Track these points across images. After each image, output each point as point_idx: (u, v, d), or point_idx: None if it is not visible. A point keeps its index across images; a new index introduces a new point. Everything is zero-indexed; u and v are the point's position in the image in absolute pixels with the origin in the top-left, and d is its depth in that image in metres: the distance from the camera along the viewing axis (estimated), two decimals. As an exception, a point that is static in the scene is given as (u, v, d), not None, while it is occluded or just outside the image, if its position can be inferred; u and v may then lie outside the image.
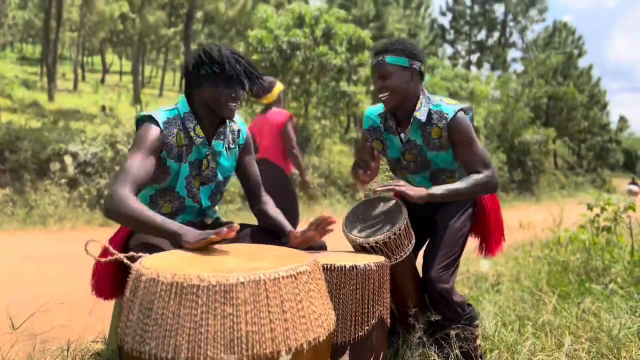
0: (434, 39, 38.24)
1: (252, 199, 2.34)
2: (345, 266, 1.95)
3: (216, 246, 1.77)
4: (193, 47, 27.15)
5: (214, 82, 2.01)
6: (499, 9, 41.65)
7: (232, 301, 1.36)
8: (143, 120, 2.04)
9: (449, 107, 2.36)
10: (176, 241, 1.74)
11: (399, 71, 2.33)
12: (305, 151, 14.21)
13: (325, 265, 1.94)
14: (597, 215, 4.26)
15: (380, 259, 2.08)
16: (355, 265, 1.96)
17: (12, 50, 43.54)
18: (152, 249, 1.85)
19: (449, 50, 43.04)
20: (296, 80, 14.89)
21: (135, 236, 2.04)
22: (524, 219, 7.17)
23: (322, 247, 2.30)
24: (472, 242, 2.66)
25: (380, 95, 2.35)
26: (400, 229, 2.19)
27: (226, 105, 2.04)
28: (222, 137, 2.17)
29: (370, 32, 16.06)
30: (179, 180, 2.10)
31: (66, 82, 28.77)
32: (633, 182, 23.84)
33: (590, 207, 4.28)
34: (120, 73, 38.89)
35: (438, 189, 2.27)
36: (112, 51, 39.68)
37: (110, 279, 2.05)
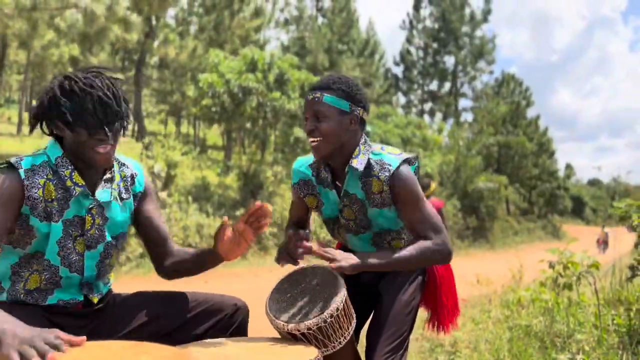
0: (388, 88, 39.05)
1: (158, 255, 1.87)
2: None
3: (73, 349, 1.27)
4: (145, 91, 26.67)
5: (68, 124, 1.58)
6: (449, 60, 43.12)
7: None
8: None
9: (392, 157, 1.97)
10: None
11: (337, 115, 1.93)
12: (257, 198, 13.75)
13: None
14: (560, 275, 3.96)
15: (312, 354, 1.61)
16: None
17: (-46, 93, 41.90)
18: None
19: (402, 99, 44.03)
20: (248, 125, 14.56)
21: None
22: (481, 271, 6.87)
23: (241, 308, 1.84)
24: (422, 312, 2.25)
25: (311, 140, 1.93)
26: (337, 309, 1.74)
27: (92, 153, 1.61)
28: (109, 185, 1.71)
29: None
30: (48, 244, 1.61)
31: (11, 126, 27.67)
32: (603, 228, 24.25)
33: (552, 266, 3.99)
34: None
35: (376, 257, 1.86)
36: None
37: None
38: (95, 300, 1.75)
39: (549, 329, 3.58)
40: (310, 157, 2.14)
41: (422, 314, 2.29)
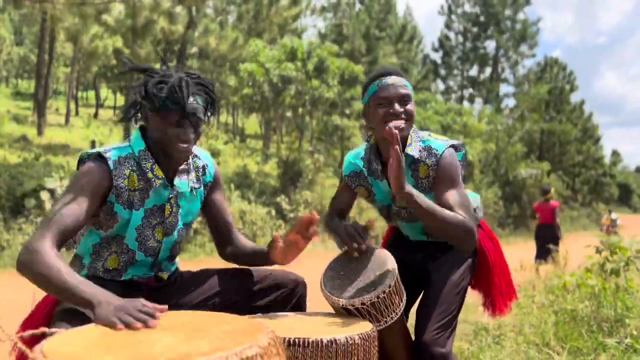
0: (427, 74, 38.52)
1: (222, 241, 2.02)
2: (321, 341, 1.57)
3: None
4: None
5: (158, 121, 1.70)
6: (490, 45, 42.16)
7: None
8: (88, 160, 1.70)
9: (439, 143, 2.04)
10: (90, 313, 1.38)
11: (412, 98, 2.04)
12: (297, 186, 13.90)
13: (295, 340, 1.56)
14: (608, 260, 3.92)
15: (367, 327, 1.70)
16: (335, 340, 1.58)
17: (6, 86, 43.57)
18: (79, 317, 1.47)
19: (441, 85, 43.38)
20: (288, 114, 14.71)
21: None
22: (523, 258, 6.81)
23: (301, 283, 1.95)
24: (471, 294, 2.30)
25: (395, 123, 1.97)
26: (390, 286, 1.82)
27: (174, 146, 1.71)
28: (185, 176, 1.83)
29: (362, 67, 15.98)
30: (128, 230, 1.75)
31: (59, 117, 28.61)
32: (610, 213, 23.72)
33: (599, 251, 3.94)
34: (114, 108, 38.79)
35: (420, 196, 1.84)
36: (106, 86, 39.71)
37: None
38: (165, 277, 1.90)
39: (596, 314, 3.57)
40: (361, 150, 2.22)
41: (469, 299, 2.34)
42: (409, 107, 2.01)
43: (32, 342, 1.31)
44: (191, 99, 1.71)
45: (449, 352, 1.97)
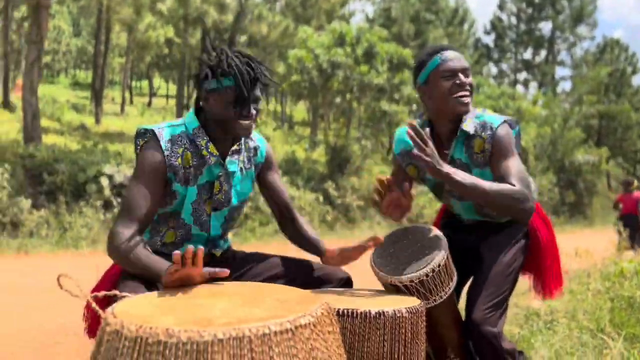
0: (479, 58, 37.57)
1: (282, 221, 2.10)
2: (370, 312, 1.60)
3: (213, 284, 1.50)
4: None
5: (220, 99, 1.75)
6: (545, 27, 40.71)
7: (206, 365, 1.06)
8: (144, 138, 1.79)
9: (494, 117, 2.02)
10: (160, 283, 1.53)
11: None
12: (344, 172, 13.92)
13: (345, 311, 1.60)
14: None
15: (414, 302, 1.72)
16: (383, 312, 1.61)
17: (65, 76, 45.47)
18: (142, 284, 1.61)
19: (493, 69, 42.23)
20: (337, 100, 14.71)
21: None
22: (579, 245, 6.61)
23: (347, 281, 1.99)
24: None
25: (460, 94, 1.98)
26: (439, 265, 1.83)
27: (236, 124, 1.77)
28: (236, 156, 1.89)
29: (411, 51, 15.75)
30: (184, 205, 1.83)
31: (114, 106, 29.69)
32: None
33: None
34: (167, 96, 39.84)
35: (461, 175, 1.82)
36: (159, 75, 40.80)
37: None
38: (218, 254, 1.97)
39: (655, 301, 3.44)
40: None
41: (521, 285, 2.30)
42: (471, 80, 2.01)
43: (103, 304, 1.42)
44: (255, 77, 1.77)
45: (500, 332, 1.96)
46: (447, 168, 1.81)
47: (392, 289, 1.87)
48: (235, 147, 1.89)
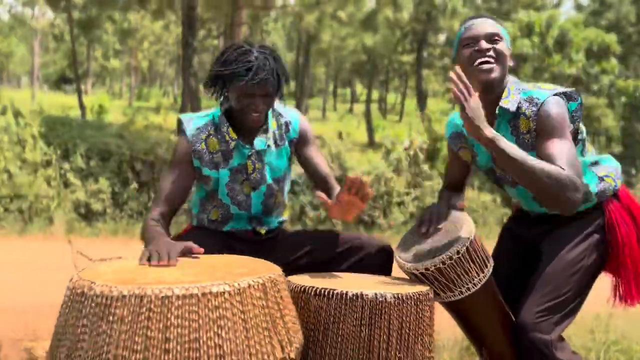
0: None
1: (324, 192, 2.12)
2: (346, 293, 1.55)
3: (199, 257, 1.63)
4: (425, 72, 27.28)
5: (234, 91, 1.91)
6: None
7: (110, 317, 1.22)
8: (178, 128, 2.05)
9: (542, 91, 1.77)
10: None
11: (504, 40, 1.83)
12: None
13: (321, 291, 1.60)
14: None
15: (414, 289, 1.62)
16: (362, 294, 1.54)
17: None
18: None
19: None
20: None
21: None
22: None
23: (383, 249, 1.99)
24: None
25: (480, 60, 1.78)
26: (458, 253, 1.66)
27: (245, 116, 1.92)
28: (264, 135, 2.03)
29: (617, 37, 13.78)
30: (219, 187, 2.03)
31: (317, 112, 31.81)
32: None
33: None
34: (367, 102, 41.21)
35: (508, 145, 1.63)
36: (360, 82, 42.47)
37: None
38: (263, 232, 2.10)
39: None
40: None
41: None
42: (499, 46, 1.80)
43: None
44: (263, 73, 1.88)
45: (553, 340, 1.69)
46: (491, 130, 1.64)
47: (412, 277, 1.76)
48: (263, 127, 2.01)
